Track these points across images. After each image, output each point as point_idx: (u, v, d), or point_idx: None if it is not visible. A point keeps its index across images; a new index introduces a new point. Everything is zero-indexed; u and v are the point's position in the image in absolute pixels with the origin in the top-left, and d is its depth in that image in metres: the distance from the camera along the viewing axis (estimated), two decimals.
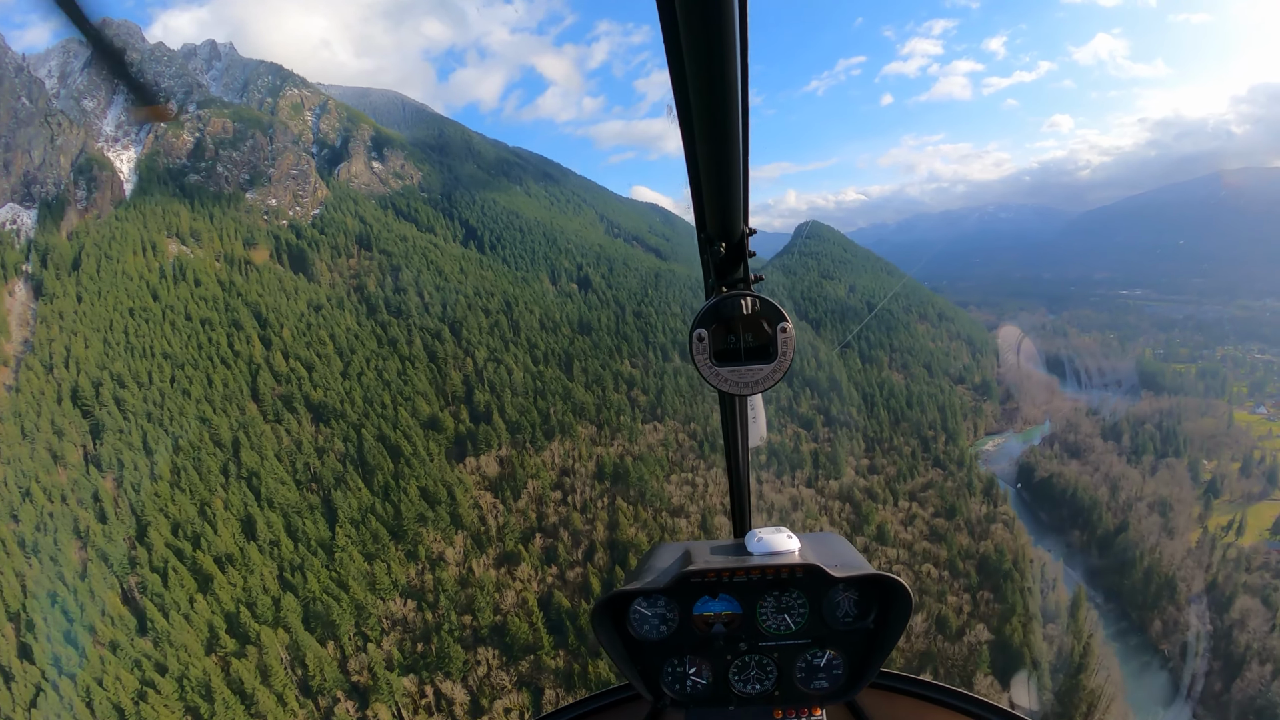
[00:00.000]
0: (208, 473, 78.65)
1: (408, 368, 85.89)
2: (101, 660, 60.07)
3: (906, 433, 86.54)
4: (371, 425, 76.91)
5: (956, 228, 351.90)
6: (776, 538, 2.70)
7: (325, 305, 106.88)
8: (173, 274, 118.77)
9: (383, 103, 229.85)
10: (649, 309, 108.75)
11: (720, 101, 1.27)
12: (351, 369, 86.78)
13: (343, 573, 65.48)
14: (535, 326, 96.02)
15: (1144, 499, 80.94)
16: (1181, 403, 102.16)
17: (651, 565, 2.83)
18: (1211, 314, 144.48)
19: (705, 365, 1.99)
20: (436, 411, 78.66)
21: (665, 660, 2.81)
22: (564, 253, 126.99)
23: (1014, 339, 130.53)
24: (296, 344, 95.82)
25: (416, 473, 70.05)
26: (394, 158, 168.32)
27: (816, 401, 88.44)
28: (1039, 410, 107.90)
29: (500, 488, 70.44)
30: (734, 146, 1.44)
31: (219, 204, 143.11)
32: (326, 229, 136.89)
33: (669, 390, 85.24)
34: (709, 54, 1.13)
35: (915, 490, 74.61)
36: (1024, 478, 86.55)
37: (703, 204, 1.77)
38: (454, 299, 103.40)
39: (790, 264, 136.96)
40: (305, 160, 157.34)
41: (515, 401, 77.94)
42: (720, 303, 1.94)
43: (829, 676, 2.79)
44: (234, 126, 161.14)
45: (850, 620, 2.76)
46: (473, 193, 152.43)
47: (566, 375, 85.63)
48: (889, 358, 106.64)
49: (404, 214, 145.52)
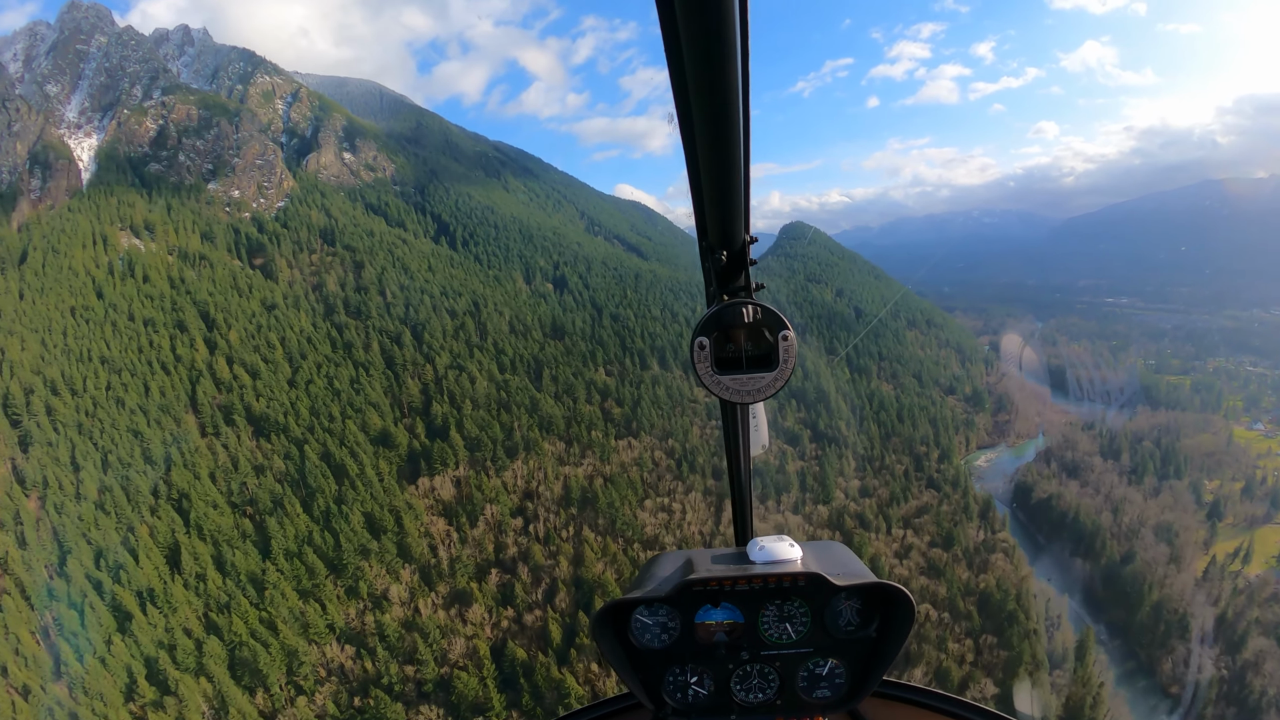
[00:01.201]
0: (136, 493, 69.69)
1: (361, 375, 77.25)
2: (13, 706, 51.66)
3: (898, 449, 79.77)
4: (316, 441, 68.29)
5: (940, 232, 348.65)
6: (779, 546, 2.61)
7: (280, 305, 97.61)
8: (122, 270, 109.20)
9: (360, 92, 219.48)
10: (627, 311, 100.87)
11: (722, 109, 1.26)
12: (300, 376, 77.94)
13: (274, 612, 57.03)
14: (504, 330, 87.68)
15: (1147, 524, 75.18)
16: (1179, 418, 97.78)
17: (653, 574, 2.75)
18: (1200, 324, 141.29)
19: (707, 373, 1.94)
20: (389, 426, 70.12)
21: (667, 669, 2.73)
22: (540, 250, 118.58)
23: (1015, 348, 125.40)
24: (243, 348, 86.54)
25: (361, 496, 61.66)
26: (366, 149, 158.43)
27: (803, 415, 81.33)
28: (1032, 423, 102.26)
29: (455, 513, 62.23)
30: (735, 154, 1.43)
31: (178, 195, 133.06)
32: (290, 222, 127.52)
33: (646, 402, 77.35)
34: (710, 61, 1.13)
35: (909, 515, 67.76)
36: (1021, 498, 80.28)
37: (704, 212, 1.75)
38: (419, 299, 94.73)
39: (776, 266, 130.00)
40: (272, 150, 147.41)
41: (476, 415, 69.51)
42: (722, 310, 1.89)
43: (831, 685, 2.72)
44: (199, 114, 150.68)
45: (852, 629, 2.67)
46: (447, 187, 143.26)
47: (535, 384, 77.33)
48: (878, 366, 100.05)
49: (374, 208, 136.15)
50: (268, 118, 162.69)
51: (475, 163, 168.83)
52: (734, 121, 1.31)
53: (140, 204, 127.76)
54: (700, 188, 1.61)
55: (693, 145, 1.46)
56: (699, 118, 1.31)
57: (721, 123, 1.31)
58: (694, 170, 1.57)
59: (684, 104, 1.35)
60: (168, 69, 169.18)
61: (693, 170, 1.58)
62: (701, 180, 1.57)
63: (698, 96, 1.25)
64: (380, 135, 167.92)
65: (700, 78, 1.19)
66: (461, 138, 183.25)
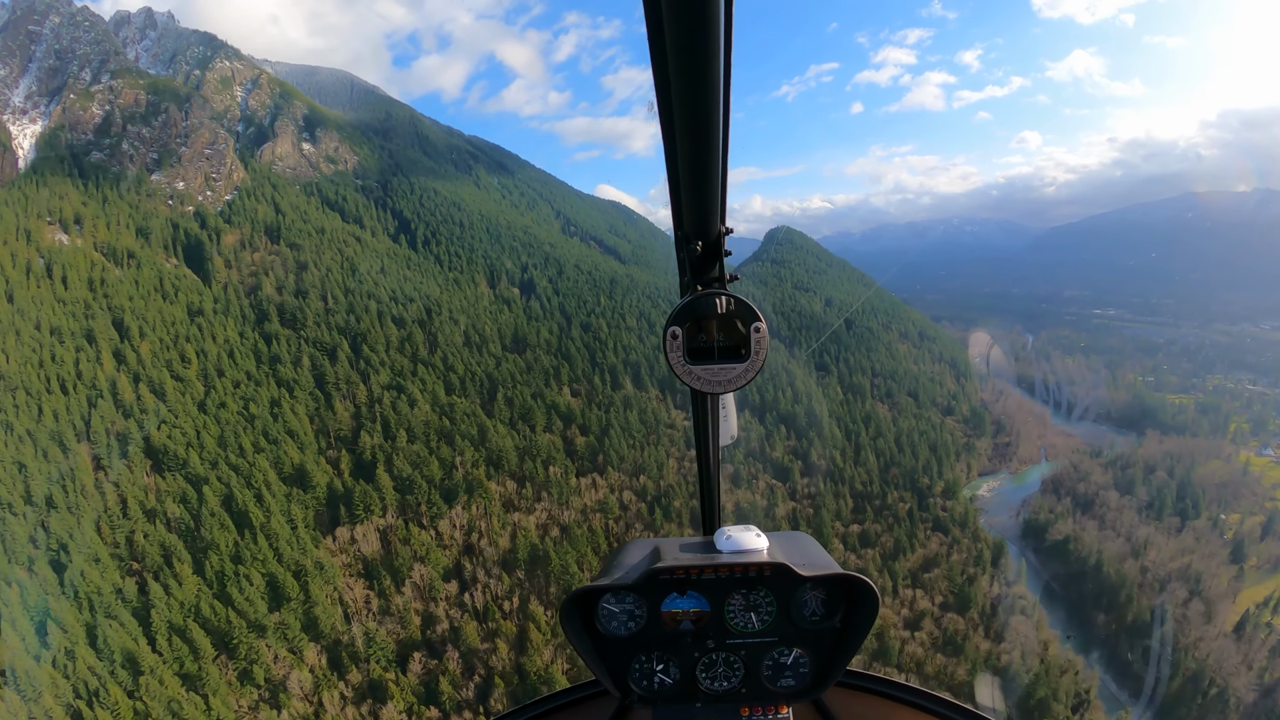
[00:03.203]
0: (12, 542, 56.06)
1: (283, 398, 64.18)
2: None
3: (899, 483, 69.08)
4: (219, 480, 55.23)
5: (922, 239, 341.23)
6: (745, 536, 2.56)
7: (206, 311, 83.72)
8: (40, 270, 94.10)
9: (330, 82, 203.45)
10: (599, 321, 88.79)
11: (702, 98, 1.23)
12: (212, 399, 64.64)
13: (150, 702, 44.21)
14: (457, 342, 75.05)
15: (1172, 572, 65.54)
16: (1188, 444, 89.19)
17: (621, 561, 2.67)
18: (1193, 338, 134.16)
19: (679, 363, 1.92)
20: (309, 462, 57.28)
21: (633, 657, 2.66)
22: (508, 251, 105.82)
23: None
24: (155, 363, 72.67)
25: (263, 554, 48.96)
26: (328, 139, 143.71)
27: (793, 443, 70.11)
28: (1034, 446, 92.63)
29: (376, 574, 49.93)
30: (714, 145, 1.40)
31: (118, 186, 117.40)
32: (234, 217, 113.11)
33: (616, 429, 65.41)
34: (693, 50, 1.09)
35: (917, 569, 57.02)
36: (1032, 537, 70.17)
37: (680, 201, 1.71)
38: (364, 304, 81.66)
39: (761, 273, 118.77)
40: (224, 138, 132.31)
41: (410, 450, 56.95)
42: (695, 301, 1.88)
43: (796, 675, 2.67)
44: (147, 99, 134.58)
45: (817, 619, 2.64)
46: (413, 181, 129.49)
47: (486, 408, 64.88)
48: (871, 384, 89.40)
49: (330, 202, 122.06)
50: (224, 105, 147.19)
51: (446, 157, 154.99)
52: (714, 111, 1.27)
53: (74, 196, 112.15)
54: (678, 176, 1.58)
55: (671, 132, 1.40)
56: (679, 105, 1.26)
57: (702, 112, 1.26)
58: (671, 158, 1.53)
59: (664, 90, 1.29)
60: (120, 52, 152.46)
61: (670, 158, 1.54)
62: (679, 169, 1.52)
63: (679, 83, 1.20)
64: (346, 126, 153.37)
65: (682, 64, 1.13)
66: (434, 130, 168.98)
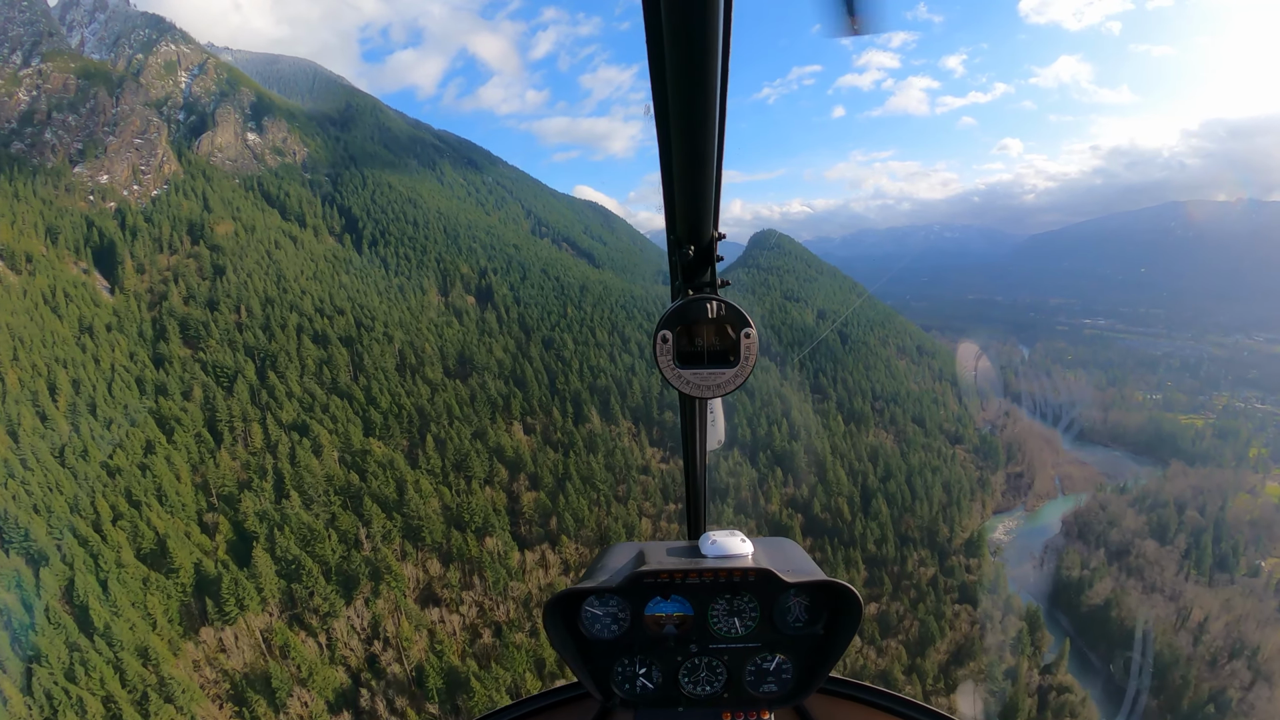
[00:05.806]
0: None
1: (159, 443, 48.40)
2: None
3: (915, 538, 56.10)
4: (62, 563, 39.54)
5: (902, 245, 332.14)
6: (730, 541, 2.46)
7: (97, 329, 67.13)
8: None
9: (292, 71, 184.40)
10: (564, 336, 74.28)
11: (699, 104, 1.20)
12: (72, 447, 48.53)
13: None
14: (388, 366, 59.91)
15: (1228, 645, 53.69)
16: (1215, 476, 78.69)
17: (605, 564, 2.57)
18: (1190, 351, 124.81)
19: (668, 367, 1.88)
20: (175, 534, 41.75)
21: (616, 660, 2.58)
22: (466, 254, 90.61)
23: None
24: (21, 397, 56.00)
25: (98, 673, 33.77)
26: (276, 129, 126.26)
27: (792, 491, 56.53)
28: (1047, 476, 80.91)
29: (246, 699, 35.10)
30: (709, 149, 1.37)
31: (35, 180, 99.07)
32: (156, 215, 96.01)
33: (575, 480, 50.85)
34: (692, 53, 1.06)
35: (946, 663, 43.97)
36: (1065, 600, 57.63)
37: (674, 205, 1.68)
38: (282, 318, 66.03)
39: (749, 280, 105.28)
40: (156, 127, 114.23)
41: (301, 522, 41.80)
42: (686, 305, 1.84)
43: (778, 680, 2.59)
44: (77, 83, 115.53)
45: (800, 625, 2.54)
46: (366, 174, 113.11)
47: (410, 456, 49.89)
48: (873, 408, 76.52)
49: (270, 197, 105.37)
50: (165, 90, 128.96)
51: (409, 150, 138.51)
52: (710, 116, 1.24)
53: None
54: (672, 181, 1.55)
55: (667, 138, 1.37)
56: (675, 110, 1.23)
57: (698, 117, 1.23)
58: (666, 163, 1.50)
59: (661, 95, 1.26)
60: (56, 34, 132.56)
61: (665, 162, 1.50)
62: (674, 173, 1.49)
63: (676, 88, 1.16)
64: (299, 115, 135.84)
65: (680, 69, 1.10)
66: (398, 122, 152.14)
